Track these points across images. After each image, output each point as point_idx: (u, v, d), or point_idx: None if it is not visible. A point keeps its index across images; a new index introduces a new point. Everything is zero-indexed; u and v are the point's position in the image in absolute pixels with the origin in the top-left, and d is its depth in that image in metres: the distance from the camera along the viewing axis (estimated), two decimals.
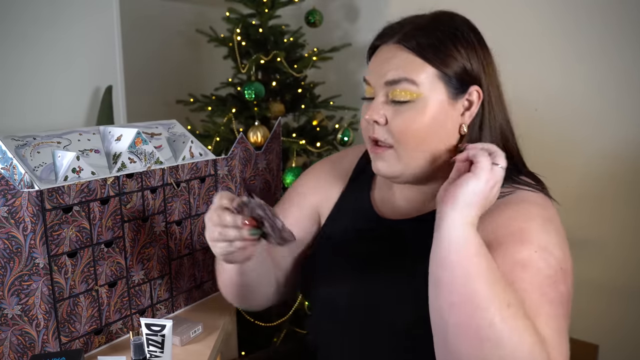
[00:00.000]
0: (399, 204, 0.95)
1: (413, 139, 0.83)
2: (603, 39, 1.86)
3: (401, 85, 0.82)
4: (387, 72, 0.83)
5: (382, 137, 0.85)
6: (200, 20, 2.41)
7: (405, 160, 0.84)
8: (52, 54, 1.65)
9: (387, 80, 0.83)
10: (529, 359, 0.65)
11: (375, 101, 0.86)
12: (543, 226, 0.79)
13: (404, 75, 0.82)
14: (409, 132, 0.83)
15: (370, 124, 0.86)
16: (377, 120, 0.84)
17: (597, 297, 1.96)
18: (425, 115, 0.82)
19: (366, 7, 2.41)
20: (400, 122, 0.83)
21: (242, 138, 1.20)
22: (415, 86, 0.82)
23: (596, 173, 1.92)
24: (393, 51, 0.85)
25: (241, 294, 0.96)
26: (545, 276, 0.73)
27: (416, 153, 0.84)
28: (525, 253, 0.75)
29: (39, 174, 0.88)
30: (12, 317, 0.86)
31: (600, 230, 1.93)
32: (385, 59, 0.85)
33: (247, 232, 0.76)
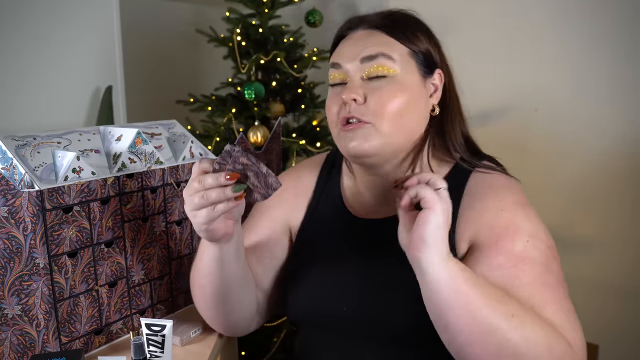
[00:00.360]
0: (371, 206, 0.95)
1: (392, 114, 0.85)
2: (603, 39, 1.86)
3: (378, 61, 0.85)
4: (363, 49, 0.86)
5: (360, 114, 0.85)
6: (200, 20, 2.41)
7: (384, 135, 0.85)
8: (52, 54, 1.65)
9: (363, 56, 0.86)
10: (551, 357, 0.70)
11: (351, 81, 0.87)
12: (525, 212, 0.84)
13: (381, 50, 0.86)
14: (387, 106, 0.85)
15: (347, 104, 0.86)
16: (356, 98, 0.85)
17: (597, 297, 1.96)
18: (402, 91, 0.86)
19: (366, 7, 2.40)
20: (378, 97, 0.85)
21: (242, 138, 1.20)
22: (392, 61, 0.86)
23: (596, 172, 1.92)
24: (366, 34, 0.89)
25: (220, 298, 0.89)
26: (540, 264, 0.79)
27: (394, 128, 0.86)
28: (520, 245, 0.79)
29: (39, 174, 0.88)
30: (12, 317, 0.86)
31: (600, 230, 1.93)
32: (359, 39, 0.89)
33: (232, 190, 0.73)
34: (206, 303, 0.92)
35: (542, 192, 2.00)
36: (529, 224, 0.82)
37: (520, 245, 0.79)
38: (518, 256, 0.78)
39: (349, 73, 0.88)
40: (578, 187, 1.96)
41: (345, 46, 0.90)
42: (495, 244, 0.80)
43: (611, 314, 1.94)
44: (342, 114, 0.87)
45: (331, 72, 0.91)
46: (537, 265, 0.78)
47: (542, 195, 1.99)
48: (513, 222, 0.82)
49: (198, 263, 0.89)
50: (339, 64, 0.89)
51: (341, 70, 0.89)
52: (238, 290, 0.90)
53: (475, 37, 2.09)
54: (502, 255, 0.78)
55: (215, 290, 0.88)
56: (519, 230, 0.81)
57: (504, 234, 0.80)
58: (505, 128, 2.07)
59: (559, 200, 1.99)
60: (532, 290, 0.76)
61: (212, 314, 0.94)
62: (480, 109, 2.09)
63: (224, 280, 0.87)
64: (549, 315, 0.74)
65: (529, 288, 0.76)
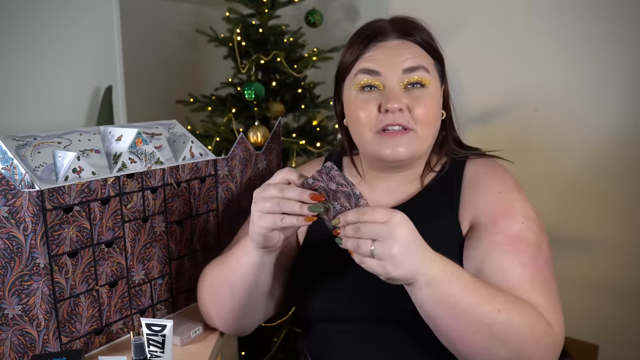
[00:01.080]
0: (382, 199, 0.99)
1: (430, 121, 0.92)
2: (603, 39, 1.86)
3: (419, 72, 0.91)
4: (404, 60, 0.91)
5: (406, 122, 0.90)
6: (200, 20, 2.41)
7: (422, 141, 0.92)
8: (52, 54, 1.65)
9: (406, 67, 0.91)
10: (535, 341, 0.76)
11: (391, 90, 0.91)
12: (519, 194, 0.92)
13: (421, 64, 0.92)
14: (428, 115, 0.91)
15: (391, 112, 0.90)
16: (402, 108, 0.90)
17: (597, 297, 1.96)
18: (435, 101, 0.93)
19: (366, 7, 2.41)
20: (421, 107, 0.91)
21: (242, 138, 1.20)
22: (429, 74, 0.92)
23: (596, 171, 1.92)
24: (401, 44, 0.93)
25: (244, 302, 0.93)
26: (533, 244, 0.86)
27: (430, 133, 0.93)
28: (517, 227, 0.86)
29: (39, 174, 0.88)
30: (13, 317, 0.86)
31: (600, 229, 1.93)
32: (397, 50, 0.92)
33: (308, 208, 0.76)
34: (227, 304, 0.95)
35: (542, 191, 2.00)
36: (524, 206, 0.90)
37: (516, 227, 0.86)
38: (514, 237, 0.85)
39: (386, 81, 0.91)
40: (578, 186, 1.96)
41: (380, 54, 0.93)
42: (493, 222, 0.87)
43: (611, 314, 1.94)
44: (386, 121, 0.90)
45: (364, 77, 0.93)
46: (531, 246, 0.85)
47: (542, 194, 1.99)
48: (510, 203, 0.89)
49: (234, 264, 0.91)
50: (377, 71, 0.92)
51: (378, 78, 0.92)
52: (259, 297, 0.94)
53: (476, 38, 2.09)
54: (501, 234, 0.86)
55: (244, 293, 0.92)
56: (515, 212, 0.88)
57: (502, 214, 0.88)
58: (505, 128, 2.07)
59: (559, 200, 1.99)
60: (524, 271, 0.83)
61: (227, 315, 0.97)
62: (481, 108, 2.10)
63: (255, 287, 0.91)
64: (536, 296, 0.81)
65: (523, 269, 0.83)
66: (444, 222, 0.93)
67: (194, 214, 1.12)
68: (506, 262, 0.83)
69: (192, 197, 1.11)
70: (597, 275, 1.95)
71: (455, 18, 2.09)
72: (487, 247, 0.86)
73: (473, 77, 2.09)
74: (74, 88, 1.74)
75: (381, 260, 0.70)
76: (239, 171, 1.21)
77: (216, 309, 0.97)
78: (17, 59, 1.56)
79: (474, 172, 0.96)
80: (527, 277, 0.82)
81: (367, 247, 0.71)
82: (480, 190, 0.93)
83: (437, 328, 0.78)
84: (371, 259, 0.71)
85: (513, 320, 0.75)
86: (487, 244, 0.86)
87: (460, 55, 2.06)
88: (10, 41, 1.54)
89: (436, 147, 1.01)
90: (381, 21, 0.97)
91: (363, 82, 0.92)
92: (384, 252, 0.70)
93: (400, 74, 0.91)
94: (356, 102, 0.93)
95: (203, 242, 1.15)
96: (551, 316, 0.81)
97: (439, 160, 1.01)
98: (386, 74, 0.91)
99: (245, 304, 0.94)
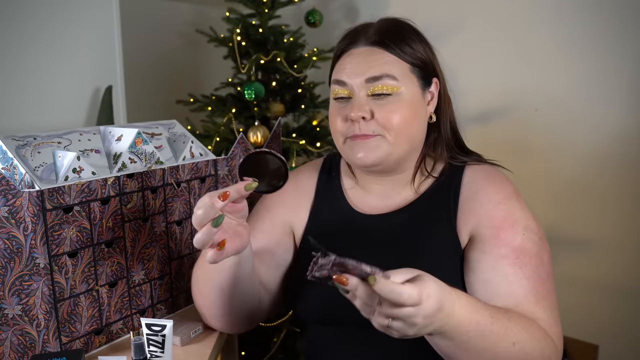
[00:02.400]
0: (377, 203, 0.99)
1: (398, 126, 0.90)
2: (603, 39, 1.86)
3: (382, 81, 0.89)
4: (367, 69, 0.90)
5: (370, 131, 0.90)
6: (200, 20, 2.41)
7: (393, 146, 0.91)
8: (52, 54, 1.65)
9: (368, 77, 0.90)
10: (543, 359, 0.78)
11: (357, 99, 0.91)
12: (519, 203, 0.91)
13: (385, 72, 0.90)
14: (394, 121, 0.89)
15: (356, 122, 0.90)
16: (364, 116, 0.89)
17: (598, 297, 1.96)
18: (405, 107, 0.90)
19: (366, 7, 2.41)
20: (385, 113, 0.89)
21: (242, 138, 1.20)
22: (395, 80, 0.90)
23: (596, 171, 1.92)
24: (368, 52, 0.92)
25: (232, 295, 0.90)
26: (535, 256, 0.86)
27: (399, 139, 0.91)
28: (519, 238, 0.86)
29: (39, 174, 0.88)
30: (13, 317, 0.86)
31: (600, 228, 1.94)
32: (362, 58, 0.92)
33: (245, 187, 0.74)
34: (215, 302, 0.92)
35: (542, 191, 2.00)
36: (524, 215, 0.90)
37: (518, 239, 0.86)
38: (517, 249, 0.85)
39: (353, 90, 0.91)
40: (578, 186, 1.96)
41: (347, 63, 0.93)
42: (497, 235, 0.87)
43: (611, 314, 1.94)
44: (351, 131, 0.91)
45: (335, 88, 0.94)
46: (533, 257, 0.86)
47: (542, 194, 1.99)
48: (510, 214, 0.89)
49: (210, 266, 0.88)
50: (343, 81, 0.92)
51: (345, 87, 0.92)
52: (247, 291, 0.92)
53: (476, 38, 2.09)
54: (506, 247, 0.86)
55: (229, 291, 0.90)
56: (516, 222, 0.88)
57: (504, 226, 0.87)
58: (506, 128, 2.07)
59: (559, 200, 2.00)
60: (529, 284, 0.83)
61: (218, 312, 0.94)
62: (481, 108, 2.10)
63: (238, 284, 0.88)
64: (540, 310, 0.82)
65: (528, 282, 0.83)
66: (441, 231, 0.92)
67: None
68: (512, 277, 0.84)
69: (192, 197, 1.11)
70: (598, 275, 1.95)
71: (455, 18, 2.09)
72: (493, 261, 0.85)
73: (473, 78, 2.09)
74: (74, 88, 1.74)
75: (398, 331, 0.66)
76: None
77: (206, 307, 0.95)
78: (17, 59, 1.56)
79: (473, 179, 0.95)
80: (531, 290, 0.83)
81: (383, 322, 0.65)
82: (479, 200, 0.91)
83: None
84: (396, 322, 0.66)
85: (526, 350, 0.76)
86: (493, 257, 0.86)
87: (460, 56, 2.06)
88: (10, 41, 1.54)
89: (430, 150, 0.99)
90: (362, 26, 0.96)
91: (335, 92, 0.94)
92: (401, 329, 0.65)
93: (364, 83, 0.90)
94: (332, 110, 0.95)
95: None
96: (553, 330, 0.82)
97: (435, 164, 0.99)
98: (351, 83, 0.91)
99: (234, 300, 0.91)
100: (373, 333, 0.90)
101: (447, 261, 0.90)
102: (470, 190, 0.93)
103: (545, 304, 0.84)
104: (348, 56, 0.93)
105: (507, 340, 0.75)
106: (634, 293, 1.89)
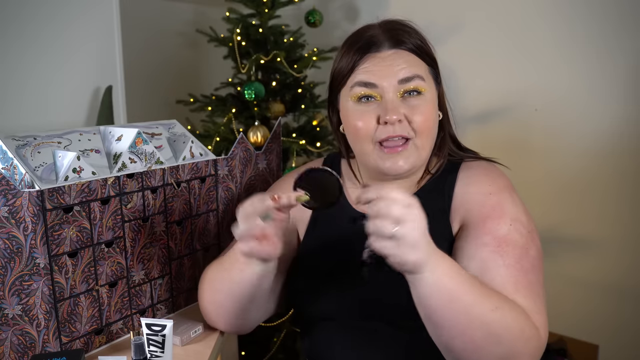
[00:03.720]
0: None
1: (428, 129, 0.93)
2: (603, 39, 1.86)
3: (415, 82, 0.91)
4: (399, 70, 0.91)
5: (406, 133, 0.91)
6: (200, 20, 2.41)
7: (420, 150, 0.93)
8: (52, 54, 1.65)
9: (401, 78, 0.91)
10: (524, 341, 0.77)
11: (390, 101, 0.91)
12: (511, 197, 0.92)
13: (416, 73, 0.92)
14: (426, 123, 0.92)
15: (390, 125, 0.90)
16: (400, 119, 0.90)
17: (598, 297, 1.96)
18: (432, 108, 0.94)
19: (366, 7, 2.41)
20: (419, 115, 0.91)
21: (242, 138, 1.20)
22: (424, 81, 0.92)
23: (596, 171, 1.92)
24: (395, 55, 0.93)
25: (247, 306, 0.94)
26: (520, 247, 0.85)
27: (428, 141, 0.94)
28: (505, 229, 0.87)
29: (39, 174, 0.88)
30: (13, 317, 0.86)
31: (601, 230, 1.93)
32: (392, 60, 0.92)
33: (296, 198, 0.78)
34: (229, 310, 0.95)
35: (542, 191, 2.00)
36: (514, 208, 0.90)
37: (504, 229, 0.87)
38: (501, 238, 0.86)
39: (384, 93, 0.92)
40: (578, 186, 1.96)
41: (375, 65, 0.93)
42: (482, 223, 0.88)
43: (611, 314, 1.94)
44: (385, 133, 0.91)
45: (361, 89, 0.93)
46: (517, 248, 0.85)
47: (542, 194, 1.99)
48: (500, 205, 0.90)
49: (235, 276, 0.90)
50: (373, 83, 0.92)
51: (375, 90, 0.92)
52: (262, 303, 0.95)
53: (476, 37, 2.09)
54: (488, 235, 0.86)
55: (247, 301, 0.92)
56: (504, 213, 0.88)
57: (491, 215, 0.88)
58: (506, 127, 2.07)
59: (559, 199, 1.99)
60: (508, 272, 0.83)
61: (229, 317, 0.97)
62: (481, 108, 2.10)
63: (257, 296, 0.92)
64: (519, 298, 0.81)
65: (506, 270, 0.83)
66: (435, 222, 0.91)
67: (194, 214, 1.12)
68: (490, 263, 0.84)
69: (192, 197, 1.11)
70: (598, 275, 1.95)
71: (455, 18, 2.09)
72: (474, 248, 0.86)
73: (473, 77, 2.09)
74: (74, 88, 1.74)
75: (399, 242, 0.69)
76: (239, 171, 1.21)
77: (218, 312, 0.97)
78: (17, 59, 1.56)
79: (468, 174, 0.96)
80: (510, 278, 0.82)
81: (389, 228, 0.69)
82: (471, 191, 0.93)
83: (437, 323, 0.77)
84: (388, 240, 0.69)
85: (507, 319, 0.76)
86: (474, 245, 0.86)
87: (460, 55, 2.06)
88: (10, 41, 1.54)
89: (435, 148, 1.00)
90: (373, 29, 0.96)
91: (361, 93, 0.93)
92: (405, 233, 0.68)
93: (397, 85, 0.91)
94: (354, 113, 0.94)
95: (203, 242, 1.15)
96: (536, 318, 0.81)
97: (437, 162, 1.01)
98: (383, 85, 0.91)
99: (248, 309, 0.95)
100: (374, 330, 0.91)
101: None
102: (464, 183, 0.95)
103: (526, 293, 0.82)
104: (372, 59, 0.93)
105: (489, 301, 0.75)
106: (634, 293, 1.89)
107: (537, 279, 0.85)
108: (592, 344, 1.96)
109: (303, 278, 0.99)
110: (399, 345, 0.90)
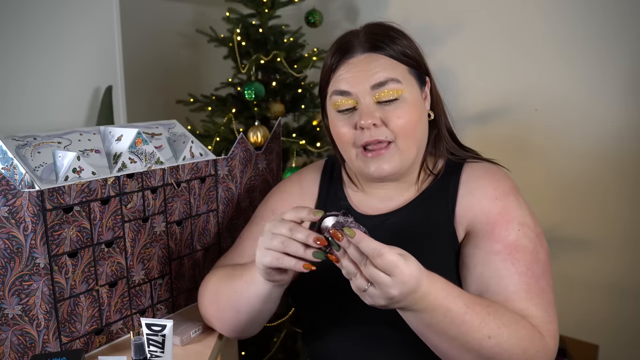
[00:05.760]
0: (378, 206, 0.99)
1: (409, 130, 0.91)
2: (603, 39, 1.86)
3: (388, 85, 0.90)
4: (371, 75, 0.90)
5: (382, 136, 0.90)
6: (200, 20, 2.42)
7: (403, 152, 0.92)
8: (52, 54, 1.65)
9: (373, 83, 0.90)
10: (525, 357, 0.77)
11: (364, 107, 0.90)
12: (517, 200, 0.91)
13: (389, 76, 0.90)
14: (406, 125, 0.90)
15: (367, 129, 0.90)
16: (375, 123, 0.89)
17: (598, 297, 1.96)
18: (411, 109, 0.91)
19: (366, 7, 2.41)
20: (397, 118, 0.90)
21: (242, 138, 1.20)
22: (399, 84, 0.90)
23: (596, 171, 1.92)
24: (367, 58, 0.91)
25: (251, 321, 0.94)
26: (530, 253, 0.85)
27: (410, 143, 0.92)
28: (513, 234, 0.86)
29: (39, 174, 0.88)
30: (13, 317, 0.86)
31: (602, 230, 1.94)
32: (364, 65, 0.91)
33: (312, 254, 0.76)
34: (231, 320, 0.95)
35: (543, 191, 2.00)
36: (520, 212, 0.89)
37: (513, 234, 0.86)
38: (511, 245, 0.85)
39: (358, 99, 0.91)
40: (579, 186, 1.96)
41: (347, 72, 0.92)
42: (491, 230, 0.87)
43: (611, 314, 1.94)
44: (363, 139, 0.90)
45: (337, 99, 0.93)
46: (527, 253, 0.85)
47: (542, 194, 1.99)
48: (507, 210, 0.89)
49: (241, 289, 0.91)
50: (346, 91, 0.91)
51: (350, 97, 0.91)
52: (265, 316, 0.95)
53: (476, 38, 2.09)
54: (499, 242, 0.86)
55: (249, 315, 0.93)
56: (512, 218, 0.88)
57: (499, 221, 0.87)
58: (506, 127, 2.07)
59: (559, 200, 2.00)
60: (521, 280, 0.83)
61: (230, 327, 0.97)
62: (481, 108, 2.10)
63: (260, 312, 0.92)
64: (532, 306, 0.81)
65: (519, 278, 0.83)
66: (439, 229, 0.92)
67: (194, 214, 1.12)
68: (503, 272, 0.83)
69: (192, 197, 1.11)
70: (598, 275, 1.95)
71: (455, 18, 2.09)
72: (485, 256, 0.86)
73: (473, 78, 2.09)
74: (74, 88, 1.74)
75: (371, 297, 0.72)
76: (239, 171, 1.21)
77: (219, 321, 0.97)
78: (17, 59, 1.56)
79: (471, 176, 0.95)
80: (523, 286, 0.82)
81: (362, 284, 0.72)
82: (477, 196, 0.92)
83: (427, 343, 0.80)
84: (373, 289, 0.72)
85: (503, 346, 0.76)
86: (485, 252, 0.86)
87: (460, 56, 2.06)
88: (10, 41, 1.54)
89: (431, 147, 1.00)
90: (350, 35, 0.95)
91: (338, 103, 0.93)
92: (374, 296, 0.71)
93: (370, 90, 0.90)
94: (336, 121, 0.94)
95: (203, 242, 1.15)
96: (546, 327, 0.81)
97: (436, 161, 1.00)
98: (356, 92, 0.90)
99: (250, 322, 0.95)
100: (376, 333, 0.91)
101: (444, 258, 0.90)
102: (468, 187, 0.94)
103: (539, 301, 0.82)
104: (346, 66, 0.92)
105: (481, 332, 0.75)
106: (634, 293, 1.89)
107: (547, 283, 0.85)
108: (592, 343, 1.96)
109: (306, 280, 0.99)
110: (401, 347, 0.90)
